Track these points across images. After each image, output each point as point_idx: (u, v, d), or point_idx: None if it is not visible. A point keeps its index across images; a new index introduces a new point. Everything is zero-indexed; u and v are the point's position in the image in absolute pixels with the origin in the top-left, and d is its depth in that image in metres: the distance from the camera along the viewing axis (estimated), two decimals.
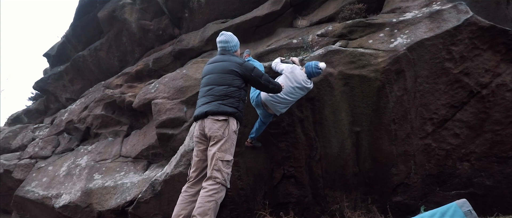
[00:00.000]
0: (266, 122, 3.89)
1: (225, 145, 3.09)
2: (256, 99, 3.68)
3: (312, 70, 3.63)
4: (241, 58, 3.50)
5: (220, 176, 3.01)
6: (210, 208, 2.91)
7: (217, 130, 3.11)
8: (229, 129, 3.14)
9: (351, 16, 4.63)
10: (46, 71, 9.43)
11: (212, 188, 2.97)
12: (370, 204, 4.19)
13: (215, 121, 3.14)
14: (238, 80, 3.31)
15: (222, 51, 3.56)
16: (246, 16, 5.90)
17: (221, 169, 3.02)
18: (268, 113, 3.72)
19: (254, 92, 3.72)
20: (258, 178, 4.33)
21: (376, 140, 4.00)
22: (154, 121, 5.16)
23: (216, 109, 3.16)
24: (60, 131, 7.02)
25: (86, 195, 5.27)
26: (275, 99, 3.56)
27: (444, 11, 3.83)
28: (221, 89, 3.25)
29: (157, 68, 6.67)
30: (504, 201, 3.84)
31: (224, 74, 3.32)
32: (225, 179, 3.04)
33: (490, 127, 3.76)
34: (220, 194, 3.02)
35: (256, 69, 3.42)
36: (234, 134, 3.21)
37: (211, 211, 2.92)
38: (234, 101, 3.23)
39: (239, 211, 4.43)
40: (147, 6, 7.08)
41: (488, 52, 3.70)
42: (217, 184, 2.99)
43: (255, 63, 4.07)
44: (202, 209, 2.89)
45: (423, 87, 3.82)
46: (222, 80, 3.29)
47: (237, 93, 3.27)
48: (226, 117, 3.15)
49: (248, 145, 4.11)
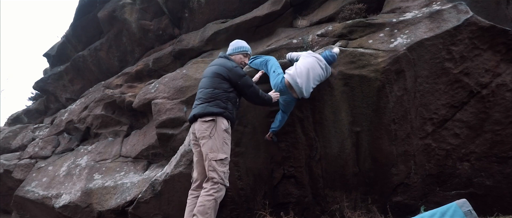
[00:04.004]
0: (287, 111, 3.88)
1: (215, 144, 3.15)
2: (279, 85, 3.64)
3: (327, 57, 3.73)
4: (233, 63, 3.54)
5: (216, 175, 3.07)
6: (209, 207, 2.98)
7: (205, 131, 3.19)
8: (218, 128, 3.20)
9: (351, 16, 4.62)
10: (46, 71, 9.43)
11: (211, 188, 3.05)
12: (370, 204, 4.19)
13: (203, 122, 3.23)
14: (225, 84, 3.39)
15: (222, 53, 3.69)
16: (246, 16, 5.89)
17: (216, 169, 3.09)
18: (293, 98, 3.70)
19: (277, 78, 3.69)
20: (258, 178, 4.33)
21: (376, 140, 4.00)
22: (154, 121, 5.17)
23: (203, 111, 3.26)
24: (60, 131, 7.02)
25: (86, 195, 5.27)
26: (301, 79, 3.56)
27: (444, 11, 3.83)
28: (208, 92, 3.36)
29: (157, 68, 6.67)
30: (504, 201, 3.84)
31: (212, 77, 3.43)
32: (222, 178, 3.10)
33: (490, 127, 3.76)
34: (220, 193, 3.08)
35: (245, 78, 3.47)
36: (225, 132, 3.25)
37: (211, 210, 2.99)
38: (221, 103, 3.30)
39: (239, 211, 4.43)
40: (147, 6, 7.08)
41: (488, 52, 3.70)
42: (216, 184, 3.06)
43: (261, 58, 4.06)
44: (202, 208, 2.97)
45: (423, 87, 3.82)
46: (209, 83, 3.41)
47: (224, 96, 3.34)
48: (213, 117, 3.22)
49: (268, 139, 4.08)
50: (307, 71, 3.60)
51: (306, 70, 3.60)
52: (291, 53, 4.08)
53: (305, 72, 3.59)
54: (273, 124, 4.01)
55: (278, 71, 3.76)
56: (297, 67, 3.64)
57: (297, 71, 3.60)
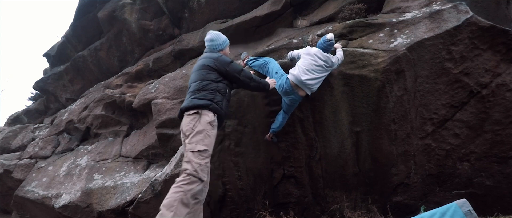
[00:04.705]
0: (289, 111, 3.89)
1: (196, 136, 3.04)
2: (284, 85, 3.65)
3: (323, 45, 3.71)
4: (219, 53, 3.51)
5: (189, 167, 2.91)
6: (176, 199, 2.75)
7: (188, 124, 3.11)
8: (202, 120, 3.10)
9: (351, 16, 4.63)
10: (46, 71, 9.44)
11: (181, 179, 2.88)
12: (370, 204, 4.19)
13: (187, 115, 3.16)
14: (213, 74, 3.31)
15: (206, 49, 3.62)
16: (246, 16, 5.89)
17: (191, 160, 2.94)
18: (299, 97, 3.71)
19: (281, 79, 3.69)
20: (258, 178, 4.33)
21: (376, 140, 4.00)
22: (154, 121, 5.16)
23: (187, 104, 3.19)
24: (60, 131, 7.02)
25: (86, 195, 5.27)
26: (306, 76, 3.59)
27: (444, 11, 3.83)
28: (195, 85, 3.30)
29: (157, 68, 6.67)
30: (504, 201, 3.84)
31: (199, 71, 3.37)
32: (196, 170, 2.90)
33: (490, 127, 3.76)
34: (191, 186, 2.85)
35: (233, 64, 3.40)
36: (209, 125, 3.12)
37: (178, 203, 2.74)
38: (207, 94, 3.21)
39: (239, 211, 4.43)
40: (147, 6, 7.09)
41: (488, 52, 3.70)
42: (187, 175, 2.88)
43: (261, 61, 4.05)
44: (168, 201, 2.75)
45: (423, 87, 3.82)
46: (196, 76, 3.35)
47: (212, 86, 3.26)
48: (198, 110, 3.14)
49: (268, 140, 4.08)
50: (310, 67, 3.63)
51: (309, 66, 3.63)
52: (291, 52, 4.09)
53: (309, 68, 3.62)
54: (273, 125, 4.01)
55: (281, 72, 3.77)
56: (299, 67, 3.66)
57: (300, 70, 3.62)
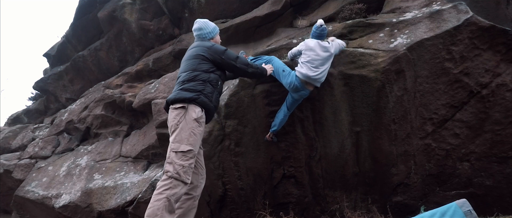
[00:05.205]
0: (292, 108, 3.89)
1: (180, 134, 2.79)
2: (295, 82, 3.62)
3: (316, 33, 3.74)
4: (211, 42, 3.27)
5: (171, 169, 2.68)
6: (159, 207, 2.54)
7: (173, 119, 2.87)
8: (187, 117, 2.84)
9: (351, 16, 4.62)
10: (46, 71, 9.44)
11: (162, 184, 2.65)
12: (370, 204, 4.19)
13: (173, 109, 2.92)
14: (205, 64, 3.07)
15: (196, 39, 3.38)
16: (246, 16, 5.89)
17: (173, 161, 2.71)
18: (307, 91, 3.71)
19: (290, 77, 3.68)
20: (258, 178, 4.33)
21: (376, 140, 4.00)
22: (154, 121, 5.16)
23: (174, 96, 2.94)
24: (60, 131, 7.02)
25: (86, 195, 5.27)
26: (314, 73, 3.59)
27: (444, 11, 3.83)
28: (184, 75, 3.04)
29: (157, 68, 6.67)
30: (504, 201, 3.84)
31: (190, 60, 3.11)
32: (179, 172, 2.67)
33: (490, 127, 3.76)
34: (173, 190, 2.63)
35: (227, 52, 3.16)
36: (194, 122, 2.86)
37: (162, 211, 2.54)
38: (196, 85, 2.95)
39: (239, 211, 4.43)
40: (147, 6, 7.09)
41: (488, 52, 3.70)
42: (168, 178, 2.66)
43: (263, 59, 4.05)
44: (151, 210, 2.54)
45: (423, 87, 3.82)
46: (186, 66, 3.10)
47: (203, 77, 3.00)
48: (184, 104, 2.88)
49: (268, 140, 4.07)
50: (315, 63, 3.62)
51: (314, 62, 3.62)
52: (290, 51, 4.09)
53: (314, 65, 3.61)
54: (273, 123, 4.01)
55: (288, 70, 3.76)
56: (304, 64, 3.66)
57: (306, 68, 3.61)
